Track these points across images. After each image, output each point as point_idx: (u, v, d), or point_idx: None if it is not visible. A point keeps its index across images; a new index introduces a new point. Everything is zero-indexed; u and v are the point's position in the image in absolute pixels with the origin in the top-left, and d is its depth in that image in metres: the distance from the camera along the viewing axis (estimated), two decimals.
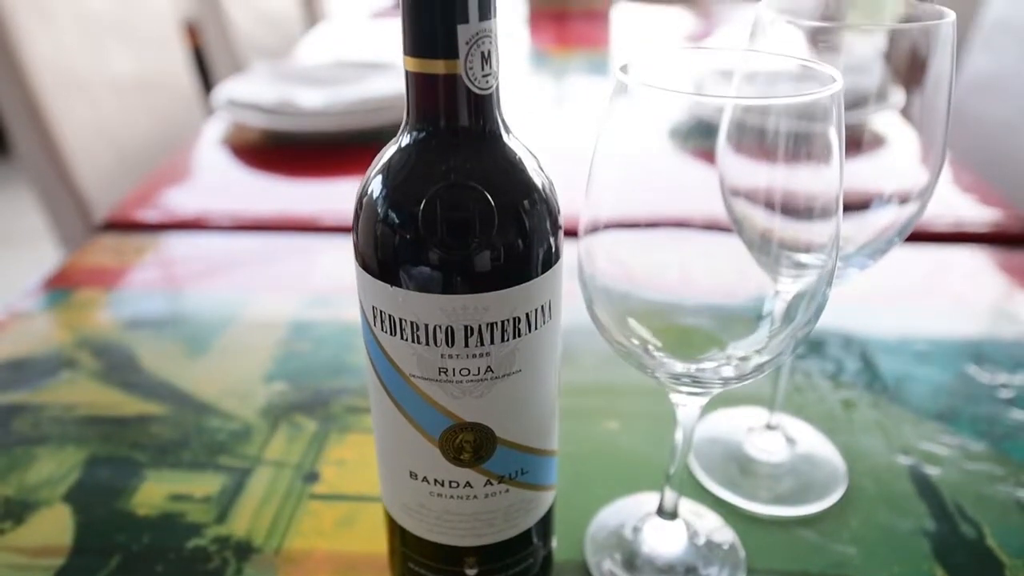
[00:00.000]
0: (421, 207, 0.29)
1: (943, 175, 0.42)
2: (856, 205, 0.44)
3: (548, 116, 1.14)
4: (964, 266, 0.72)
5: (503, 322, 0.30)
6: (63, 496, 0.47)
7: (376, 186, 0.30)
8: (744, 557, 0.42)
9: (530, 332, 0.31)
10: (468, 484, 0.34)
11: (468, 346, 0.30)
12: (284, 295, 0.68)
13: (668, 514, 0.43)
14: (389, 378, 0.32)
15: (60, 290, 0.69)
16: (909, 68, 0.39)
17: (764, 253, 0.35)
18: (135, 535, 0.44)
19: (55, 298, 0.68)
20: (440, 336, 0.30)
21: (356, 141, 0.99)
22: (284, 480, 0.48)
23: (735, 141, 0.37)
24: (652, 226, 0.34)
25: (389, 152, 0.31)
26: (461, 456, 0.33)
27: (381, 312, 0.31)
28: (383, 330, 0.31)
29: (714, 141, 0.33)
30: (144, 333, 0.63)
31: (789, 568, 0.42)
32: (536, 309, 0.31)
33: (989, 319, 0.65)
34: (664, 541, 0.43)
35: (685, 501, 0.45)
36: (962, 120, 1.20)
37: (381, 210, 0.30)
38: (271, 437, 0.52)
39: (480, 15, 0.27)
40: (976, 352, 0.60)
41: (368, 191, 0.30)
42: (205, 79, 1.54)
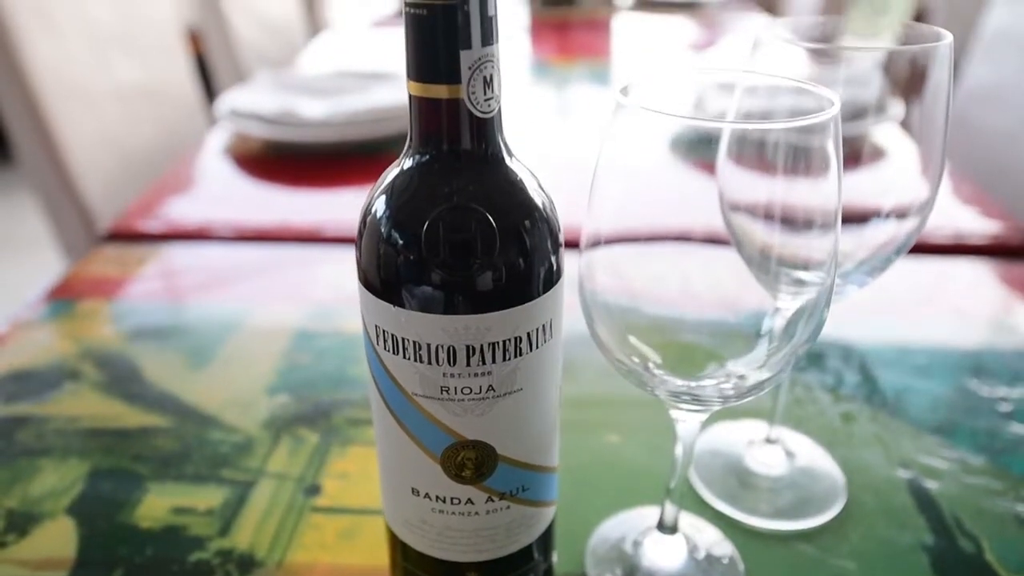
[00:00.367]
0: (424, 229, 0.29)
1: (943, 188, 0.42)
2: (854, 220, 0.44)
3: (550, 126, 1.15)
4: (964, 278, 0.73)
5: (504, 341, 0.30)
6: (66, 509, 0.47)
7: (379, 207, 0.30)
8: (743, 571, 0.43)
9: (531, 351, 0.31)
10: (469, 501, 0.34)
11: (470, 365, 0.30)
12: (286, 306, 0.69)
13: (668, 528, 0.43)
14: (391, 396, 0.33)
15: (63, 301, 0.69)
16: (907, 87, 0.39)
17: (763, 270, 0.35)
18: (138, 548, 0.44)
19: (58, 309, 0.68)
20: (442, 355, 0.30)
21: (358, 151, 1.00)
22: (286, 493, 0.48)
23: (735, 154, 0.38)
24: (652, 239, 0.34)
25: (392, 173, 0.31)
26: (463, 473, 0.33)
27: (384, 331, 0.31)
28: (386, 349, 0.31)
29: (715, 150, 0.34)
30: (147, 344, 0.63)
31: None
32: (537, 328, 0.31)
33: (989, 331, 0.65)
34: (664, 555, 0.43)
35: (685, 515, 0.46)
36: (962, 130, 1.21)
37: (384, 231, 0.30)
38: (273, 450, 0.52)
39: (483, 41, 0.27)
40: (976, 365, 0.60)
41: (371, 212, 0.31)
42: (207, 87, 1.55)
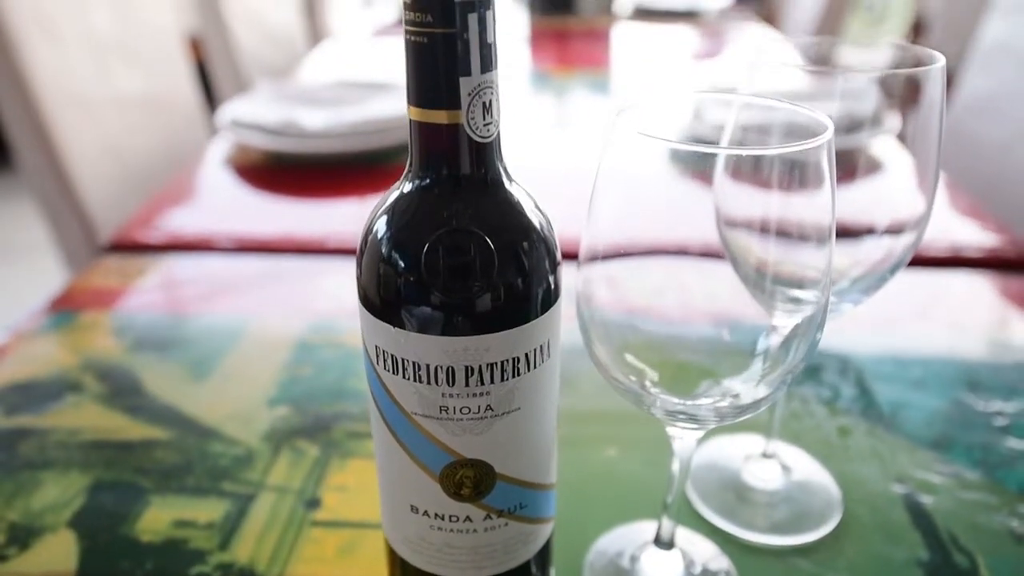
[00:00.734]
0: (424, 252, 0.29)
1: (940, 201, 0.43)
2: (850, 236, 0.44)
3: (549, 136, 1.16)
4: (961, 291, 0.73)
5: (503, 362, 0.31)
6: (68, 522, 0.47)
7: (380, 230, 0.31)
8: None
9: (529, 371, 0.32)
10: (468, 518, 0.34)
11: (468, 385, 0.31)
12: (287, 318, 0.69)
13: (665, 543, 0.43)
14: (391, 415, 0.33)
15: (65, 312, 0.70)
16: (902, 103, 0.40)
17: (759, 288, 0.36)
18: (139, 561, 0.45)
19: (60, 320, 0.69)
20: (441, 376, 0.31)
21: (359, 162, 1.00)
22: (286, 506, 0.49)
23: (731, 170, 0.38)
24: (650, 253, 0.34)
25: (392, 196, 0.31)
26: (461, 491, 0.34)
27: (384, 351, 0.32)
28: (385, 369, 0.32)
29: (712, 163, 0.34)
30: (148, 356, 0.64)
31: None
32: (535, 349, 0.32)
33: (985, 345, 0.65)
34: (661, 570, 0.43)
35: (682, 530, 0.46)
36: (959, 141, 1.21)
37: (385, 254, 0.30)
38: (273, 462, 0.52)
39: (482, 68, 0.28)
40: (972, 378, 0.61)
41: (372, 235, 0.31)
42: (208, 94, 1.55)
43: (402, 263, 0.30)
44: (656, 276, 0.36)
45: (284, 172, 1.00)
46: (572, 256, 0.35)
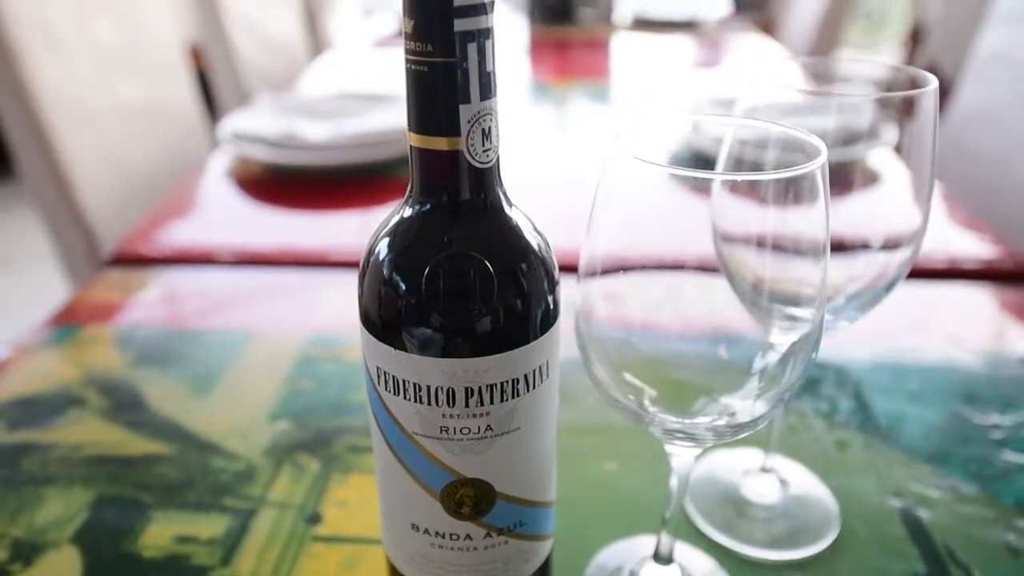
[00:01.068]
0: (424, 276, 0.30)
1: (938, 212, 0.43)
2: (845, 252, 0.45)
3: (549, 148, 1.16)
4: (958, 303, 0.74)
5: (502, 383, 0.31)
6: (71, 538, 0.48)
7: (381, 254, 0.31)
8: None
9: (528, 392, 0.32)
10: (468, 536, 0.35)
11: (468, 406, 0.31)
12: (288, 331, 0.70)
13: (664, 559, 0.44)
14: (392, 434, 0.33)
15: (67, 326, 0.70)
16: (897, 118, 0.40)
17: (756, 306, 0.36)
18: None
19: (62, 334, 0.69)
20: (441, 397, 0.31)
21: (360, 174, 1.01)
22: (287, 522, 0.49)
23: (729, 185, 0.39)
24: (648, 268, 0.35)
25: (394, 220, 0.32)
26: (461, 510, 0.34)
27: (384, 372, 0.32)
28: (386, 389, 0.32)
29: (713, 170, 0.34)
30: (150, 370, 0.64)
31: None
32: (534, 370, 0.32)
33: (982, 358, 0.66)
34: None
35: (681, 544, 0.46)
36: (956, 151, 1.22)
37: (386, 278, 0.31)
38: (275, 477, 0.53)
39: (481, 96, 0.28)
40: (968, 391, 0.61)
41: (373, 258, 0.32)
42: (209, 103, 1.56)
43: (403, 287, 0.31)
44: (655, 290, 0.36)
45: (285, 184, 1.01)
46: (572, 268, 0.35)
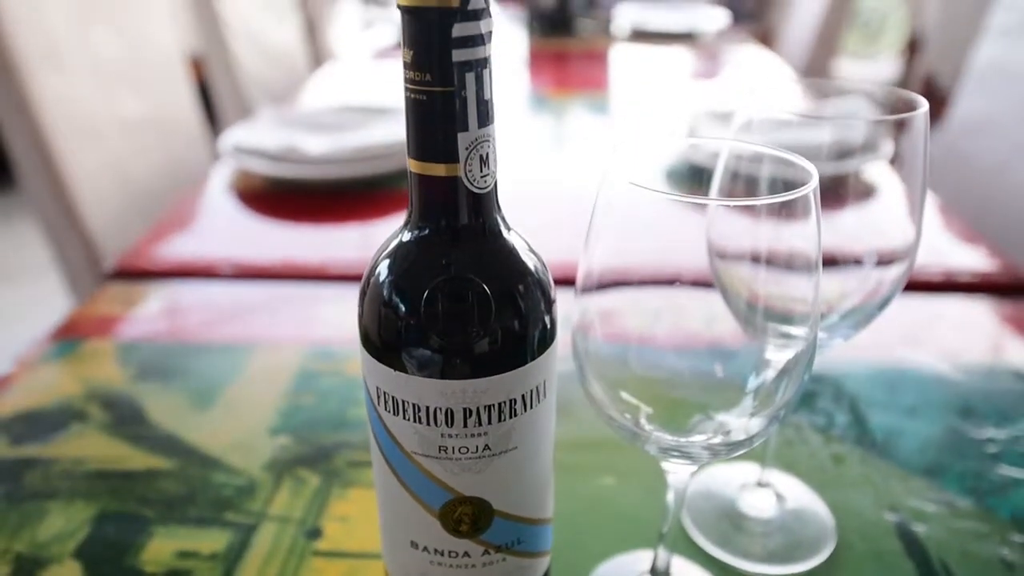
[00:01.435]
0: (423, 299, 0.30)
1: (934, 225, 0.43)
2: (839, 268, 0.45)
3: (547, 160, 1.17)
4: (954, 316, 0.74)
5: (500, 404, 0.32)
6: (73, 553, 0.48)
7: (381, 276, 0.32)
8: None
9: (526, 412, 0.33)
10: (466, 554, 0.35)
11: (467, 426, 0.32)
12: (289, 345, 0.70)
13: (661, 573, 0.44)
14: (391, 453, 0.34)
15: (69, 340, 0.71)
16: (891, 137, 0.41)
17: (751, 324, 0.37)
18: None
19: (64, 348, 0.70)
20: (440, 417, 0.32)
21: (361, 187, 1.02)
22: (288, 536, 0.49)
23: (727, 192, 0.39)
24: (644, 284, 0.35)
25: (393, 243, 0.32)
26: (460, 528, 0.34)
27: (384, 392, 0.32)
28: (386, 409, 0.33)
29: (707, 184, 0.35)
30: (151, 385, 0.65)
31: None
32: (532, 390, 0.33)
33: (978, 371, 0.66)
34: None
35: (678, 559, 0.47)
36: (954, 161, 1.22)
37: (386, 300, 0.32)
38: (275, 492, 0.53)
39: (479, 123, 0.29)
40: (964, 405, 0.61)
41: (373, 281, 0.32)
42: (210, 114, 1.57)
43: (403, 309, 0.31)
44: (651, 306, 0.37)
45: (286, 198, 1.01)
46: (570, 282, 0.36)
